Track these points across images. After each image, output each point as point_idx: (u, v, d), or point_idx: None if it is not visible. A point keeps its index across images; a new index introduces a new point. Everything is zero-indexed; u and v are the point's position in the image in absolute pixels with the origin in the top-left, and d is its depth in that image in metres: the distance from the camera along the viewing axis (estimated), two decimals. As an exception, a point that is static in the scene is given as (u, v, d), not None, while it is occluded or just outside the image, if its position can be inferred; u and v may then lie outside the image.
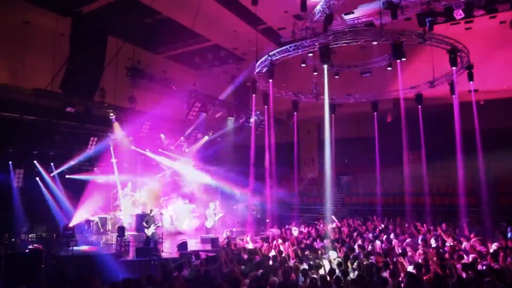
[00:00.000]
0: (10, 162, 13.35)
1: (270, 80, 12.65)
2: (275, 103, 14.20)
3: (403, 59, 10.60)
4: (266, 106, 14.17)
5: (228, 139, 19.56)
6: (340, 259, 7.68)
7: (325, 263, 7.71)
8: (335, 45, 11.09)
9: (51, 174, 14.37)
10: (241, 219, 17.32)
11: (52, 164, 14.45)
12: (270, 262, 7.86)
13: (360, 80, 16.02)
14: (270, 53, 12.02)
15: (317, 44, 10.92)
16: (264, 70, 12.79)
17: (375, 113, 17.31)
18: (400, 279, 6.40)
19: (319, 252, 8.95)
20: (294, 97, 16.26)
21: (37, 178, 14.04)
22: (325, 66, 10.76)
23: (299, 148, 19.28)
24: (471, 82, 12.66)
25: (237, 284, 6.21)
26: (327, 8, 11.40)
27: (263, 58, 12.23)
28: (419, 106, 15.26)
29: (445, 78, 13.92)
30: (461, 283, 5.96)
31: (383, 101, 17.35)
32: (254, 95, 14.13)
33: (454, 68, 11.56)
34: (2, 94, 12.54)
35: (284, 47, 11.69)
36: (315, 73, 14.75)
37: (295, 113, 16.66)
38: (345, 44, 11.22)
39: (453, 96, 13.28)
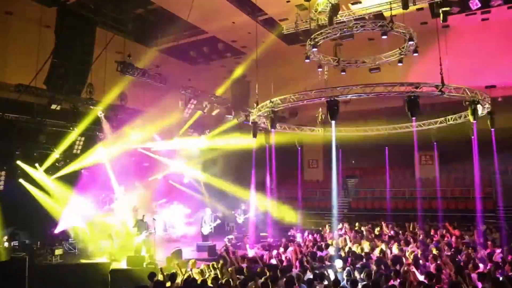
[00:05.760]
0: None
1: (273, 130, 11.92)
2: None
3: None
4: (267, 145, 14.04)
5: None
6: (349, 269, 7.66)
7: (330, 272, 7.71)
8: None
9: (36, 177, 14.33)
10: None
11: (36, 165, 14.40)
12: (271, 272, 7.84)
13: (368, 77, 15.91)
14: (272, 99, 11.12)
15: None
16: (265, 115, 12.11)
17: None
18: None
19: (324, 260, 8.95)
20: (298, 130, 16.14)
21: (20, 181, 14.01)
22: (333, 122, 10.38)
23: (302, 149, 19.26)
24: (492, 129, 11.92)
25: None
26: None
27: (265, 103, 11.52)
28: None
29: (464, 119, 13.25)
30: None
31: (392, 97, 17.31)
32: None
33: (474, 121, 10.65)
34: (-18, 91, 12.53)
35: (288, 96, 10.89)
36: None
37: (299, 148, 16.66)
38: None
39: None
